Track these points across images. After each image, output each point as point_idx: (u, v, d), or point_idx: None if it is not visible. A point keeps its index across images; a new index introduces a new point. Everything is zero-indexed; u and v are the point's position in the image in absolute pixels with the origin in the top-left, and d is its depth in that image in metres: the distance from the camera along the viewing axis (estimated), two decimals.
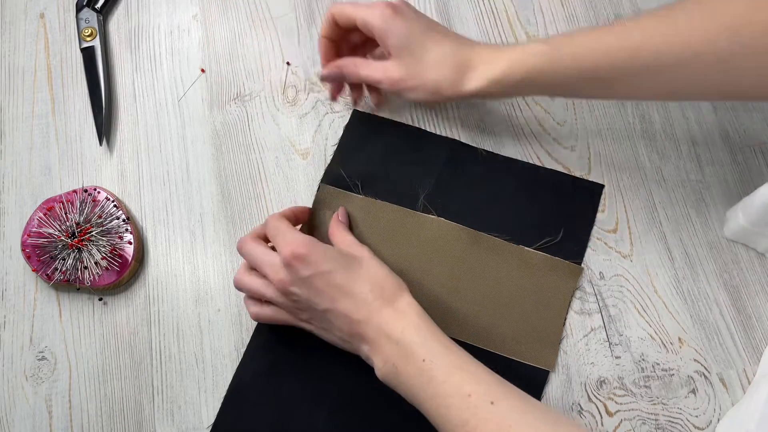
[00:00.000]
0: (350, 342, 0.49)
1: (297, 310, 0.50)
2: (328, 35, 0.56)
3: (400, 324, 0.46)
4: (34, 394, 0.56)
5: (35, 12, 0.69)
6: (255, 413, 0.53)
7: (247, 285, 0.51)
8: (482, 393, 0.42)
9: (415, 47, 0.52)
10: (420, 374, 0.44)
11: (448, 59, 0.52)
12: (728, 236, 0.56)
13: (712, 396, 0.52)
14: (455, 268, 0.56)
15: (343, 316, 0.47)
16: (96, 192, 0.59)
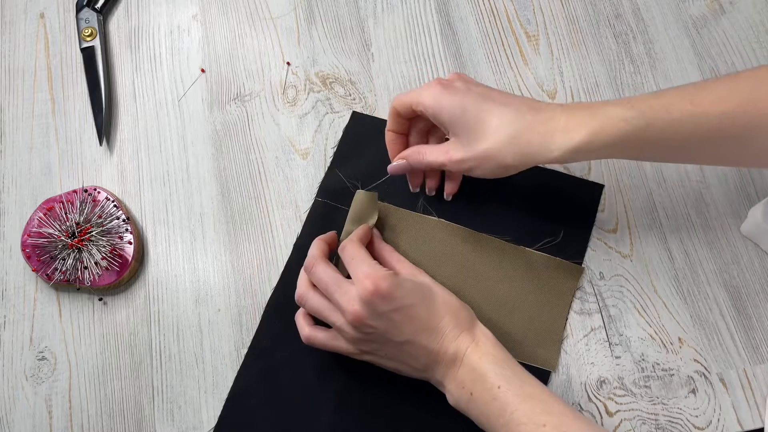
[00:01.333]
0: (424, 371, 0.48)
1: (363, 341, 0.48)
2: (393, 128, 0.54)
3: (477, 352, 0.46)
4: (34, 394, 0.56)
5: (35, 12, 0.69)
6: (256, 415, 0.53)
7: (312, 304, 0.50)
8: (556, 423, 0.43)
9: (470, 122, 0.48)
10: (494, 401, 0.44)
11: (509, 130, 0.47)
12: (744, 232, 0.56)
13: (712, 396, 0.52)
14: (456, 269, 0.56)
15: (422, 347, 0.47)
16: (96, 192, 0.59)
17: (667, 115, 0.45)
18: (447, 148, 0.51)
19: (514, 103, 0.49)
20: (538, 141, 0.47)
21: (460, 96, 0.49)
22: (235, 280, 0.58)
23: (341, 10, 0.67)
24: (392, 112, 0.53)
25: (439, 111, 0.49)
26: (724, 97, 0.44)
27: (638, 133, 0.45)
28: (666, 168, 0.59)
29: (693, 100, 0.44)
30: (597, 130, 0.46)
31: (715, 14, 0.64)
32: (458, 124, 0.49)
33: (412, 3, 0.67)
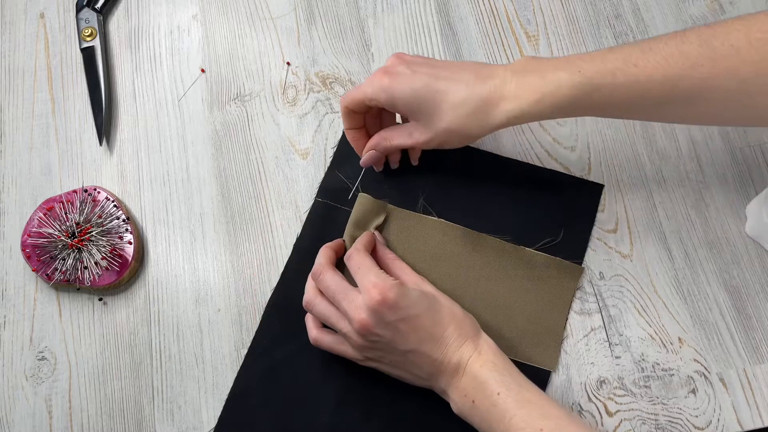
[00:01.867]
0: (428, 380, 0.49)
1: (369, 349, 0.49)
2: (350, 126, 0.55)
3: (479, 360, 0.47)
4: (34, 394, 0.56)
5: (35, 12, 0.69)
6: (257, 416, 0.53)
7: (319, 311, 0.50)
8: (553, 427, 0.43)
9: (424, 104, 0.50)
10: (494, 407, 0.45)
11: (466, 105, 0.49)
12: (749, 233, 0.56)
13: (712, 396, 0.52)
14: (456, 269, 0.56)
15: (427, 356, 0.47)
16: (96, 192, 0.59)
17: (612, 80, 0.46)
18: (410, 130, 0.53)
19: (463, 75, 0.50)
20: (492, 109, 0.49)
21: (407, 81, 0.50)
22: (235, 280, 0.58)
23: (341, 10, 0.67)
24: (345, 112, 0.54)
25: (392, 102, 0.51)
26: (668, 61, 0.45)
27: (585, 97, 0.47)
28: (666, 168, 0.59)
29: (638, 63, 0.46)
30: (546, 96, 0.47)
31: (715, 14, 0.64)
32: (414, 110, 0.51)
33: (412, 3, 0.67)
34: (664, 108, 0.48)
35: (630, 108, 0.49)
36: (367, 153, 0.56)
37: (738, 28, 0.44)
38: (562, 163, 0.60)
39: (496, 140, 0.61)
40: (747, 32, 0.43)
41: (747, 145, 0.60)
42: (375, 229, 0.56)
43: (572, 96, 0.47)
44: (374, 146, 0.55)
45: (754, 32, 0.43)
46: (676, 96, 0.46)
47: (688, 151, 0.60)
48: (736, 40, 0.43)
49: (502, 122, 0.49)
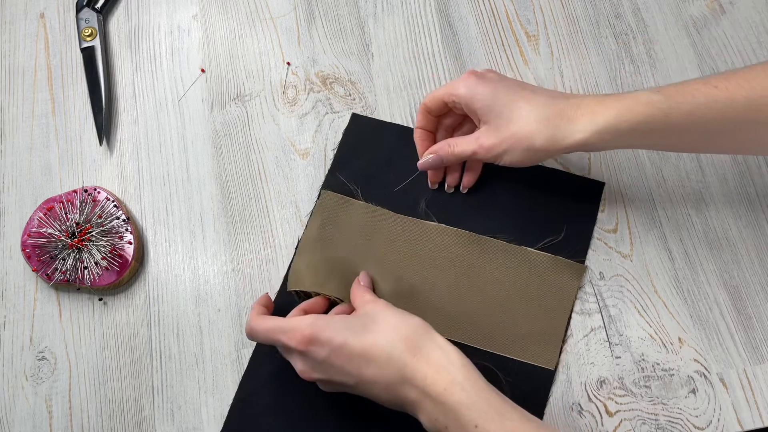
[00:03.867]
0: (396, 404, 0.45)
1: (330, 387, 0.48)
2: (422, 126, 0.56)
3: (442, 380, 0.42)
4: (34, 394, 0.56)
5: (35, 12, 0.69)
6: (261, 421, 0.53)
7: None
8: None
9: (502, 108, 0.50)
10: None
11: (540, 113, 0.49)
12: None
13: (712, 396, 0.52)
14: (458, 273, 0.56)
15: (374, 383, 0.44)
16: (96, 192, 0.59)
17: (692, 99, 0.45)
18: (477, 135, 0.52)
19: (545, 92, 0.51)
20: (566, 124, 0.48)
21: (492, 85, 0.51)
22: (235, 280, 0.58)
23: (341, 10, 0.67)
24: (422, 109, 0.55)
25: (472, 99, 0.51)
26: (750, 83, 0.44)
27: (664, 116, 0.45)
28: (666, 168, 0.59)
29: (718, 85, 0.45)
30: (623, 112, 0.46)
31: (715, 14, 0.64)
32: (490, 110, 0.50)
33: (412, 3, 0.67)
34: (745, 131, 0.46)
35: (709, 129, 0.47)
36: (428, 156, 0.55)
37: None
38: (562, 163, 0.60)
39: None
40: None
41: None
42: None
43: (649, 114, 0.46)
44: (437, 149, 0.54)
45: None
46: (759, 119, 0.45)
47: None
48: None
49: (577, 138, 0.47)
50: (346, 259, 0.57)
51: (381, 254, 0.57)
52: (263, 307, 0.52)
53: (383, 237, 0.57)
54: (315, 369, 0.46)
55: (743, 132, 0.47)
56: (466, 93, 0.51)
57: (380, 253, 0.57)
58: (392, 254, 0.57)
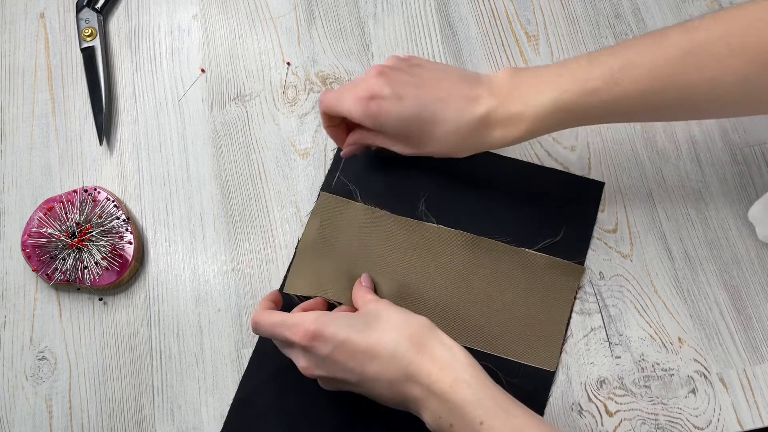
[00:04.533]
0: (402, 405, 0.45)
1: (332, 385, 0.48)
2: (330, 125, 0.55)
3: (447, 378, 0.41)
4: (34, 394, 0.56)
5: (35, 12, 0.69)
6: (261, 421, 0.53)
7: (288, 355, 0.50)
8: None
9: (414, 134, 0.50)
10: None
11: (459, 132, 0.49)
12: (763, 238, 0.55)
13: (712, 396, 0.52)
14: (458, 274, 0.56)
15: (377, 380, 0.43)
16: (96, 192, 0.59)
17: (597, 98, 0.46)
18: (394, 142, 0.53)
19: (451, 100, 0.49)
20: (482, 138, 0.50)
21: (396, 111, 0.49)
22: (235, 280, 0.58)
23: (341, 10, 0.67)
24: (324, 114, 0.54)
25: (380, 128, 0.51)
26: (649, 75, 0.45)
27: (570, 118, 0.48)
28: (666, 168, 0.59)
29: (620, 82, 0.46)
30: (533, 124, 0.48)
31: None
32: (402, 136, 0.51)
33: (412, 3, 0.67)
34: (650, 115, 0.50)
35: (615, 118, 0.50)
36: (348, 147, 0.56)
37: (718, 33, 0.43)
38: (562, 163, 0.60)
39: None
40: (727, 38, 0.43)
41: (747, 145, 0.60)
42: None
43: (558, 119, 0.48)
44: (356, 141, 0.55)
45: (735, 36, 0.43)
46: (661, 105, 0.47)
47: (688, 151, 0.60)
48: (716, 48, 0.43)
49: (494, 146, 0.50)
50: (345, 262, 0.57)
51: (380, 255, 0.57)
52: (271, 302, 0.52)
53: (382, 238, 0.57)
54: (318, 365, 0.46)
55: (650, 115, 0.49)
56: (370, 123, 0.51)
57: (379, 254, 0.57)
58: (391, 256, 0.57)
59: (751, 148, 0.60)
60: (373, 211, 0.58)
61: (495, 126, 0.49)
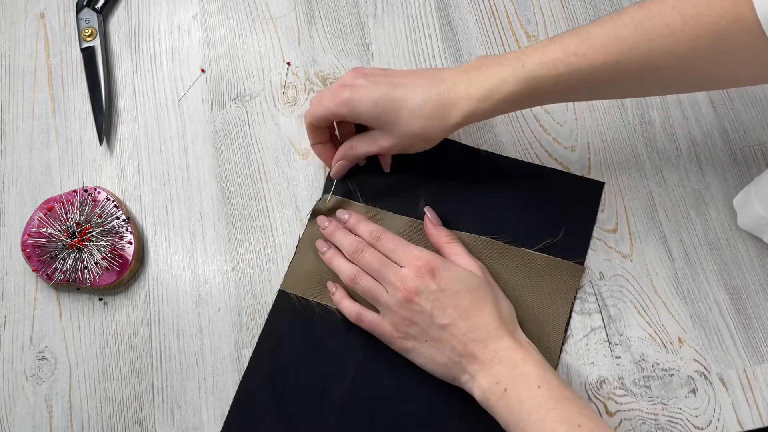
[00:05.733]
0: (457, 362, 0.49)
1: (408, 322, 0.50)
2: (316, 141, 0.57)
3: (520, 353, 0.47)
4: (34, 394, 0.56)
5: (35, 12, 0.69)
6: (262, 420, 0.53)
7: (364, 285, 0.52)
8: (592, 427, 0.43)
9: (386, 113, 0.52)
10: (531, 398, 0.45)
11: (424, 108, 0.51)
12: (742, 226, 0.56)
13: (712, 396, 0.52)
14: None
15: (461, 335, 0.48)
16: (96, 192, 0.59)
17: (555, 71, 0.47)
18: (374, 137, 0.55)
19: (418, 81, 0.52)
20: (447, 113, 0.51)
21: (367, 92, 0.52)
22: (235, 280, 0.58)
23: (341, 10, 0.67)
24: (310, 129, 0.56)
25: (355, 114, 0.53)
26: (606, 47, 0.46)
27: (530, 90, 0.49)
28: (666, 168, 0.59)
29: (576, 52, 0.47)
30: (492, 94, 0.49)
31: None
32: (376, 119, 0.53)
33: (412, 3, 0.67)
34: (608, 89, 0.50)
35: (575, 93, 0.51)
36: (337, 164, 0.58)
37: (672, 5, 0.44)
38: (562, 163, 0.60)
39: (496, 140, 0.61)
40: (681, 9, 0.43)
41: (747, 145, 0.60)
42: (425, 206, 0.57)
43: (518, 90, 0.49)
44: (342, 157, 0.57)
45: (688, 8, 0.43)
46: (618, 78, 0.47)
47: (688, 151, 0.60)
48: (671, 19, 0.44)
49: (459, 122, 0.51)
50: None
51: None
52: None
53: None
54: (422, 293, 0.49)
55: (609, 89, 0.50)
56: (346, 110, 0.53)
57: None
58: None
59: (751, 148, 0.60)
60: (374, 211, 0.58)
61: (458, 100, 0.50)
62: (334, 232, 0.56)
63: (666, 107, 0.61)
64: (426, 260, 0.50)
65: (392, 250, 0.52)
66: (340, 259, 0.54)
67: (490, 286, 0.51)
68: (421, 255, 0.51)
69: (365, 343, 0.54)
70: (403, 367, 0.52)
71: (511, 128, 0.61)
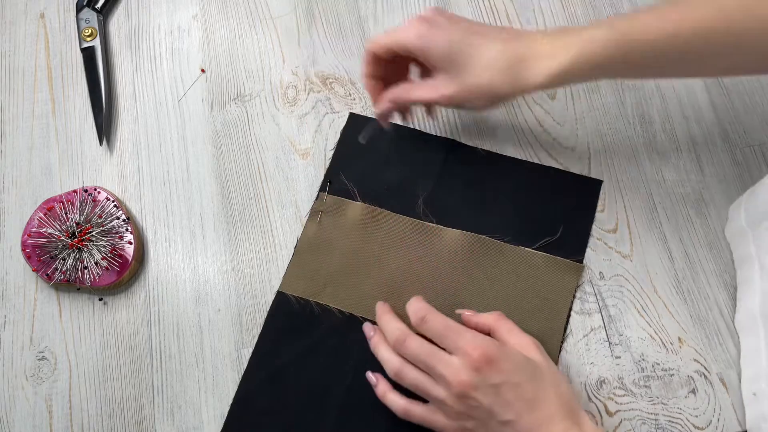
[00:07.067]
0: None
1: (465, 416, 0.46)
2: (370, 73, 0.53)
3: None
4: (34, 394, 0.56)
5: (35, 12, 0.69)
6: (262, 421, 0.53)
7: (411, 379, 0.47)
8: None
9: (459, 56, 0.49)
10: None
11: (499, 60, 0.48)
12: (727, 235, 0.56)
13: (712, 396, 0.52)
14: (457, 273, 0.56)
15: (526, 430, 0.44)
16: (96, 192, 0.59)
17: (646, 35, 0.45)
18: (436, 83, 0.51)
19: (499, 34, 0.49)
20: (525, 70, 0.48)
21: (445, 31, 0.49)
22: (235, 280, 0.58)
23: (341, 10, 0.67)
24: (370, 57, 0.53)
25: (426, 49, 0.49)
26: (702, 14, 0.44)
27: (620, 54, 0.46)
28: (666, 168, 0.59)
29: (671, 18, 0.44)
30: (580, 53, 0.46)
31: None
32: (446, 59, 0.49)
33: (412, 3, 0.67)
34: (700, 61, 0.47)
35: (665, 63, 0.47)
36: (385, 104, 0.54)
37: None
38: (562, 163, 0.60)
39: (496, 139, 0.61)
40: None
41: (747, 145, 0.60)
42: None
43: (607, 53, 0.46)
44: (395, 98, 0.53)
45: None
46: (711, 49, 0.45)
47: (688, 151, 0.60)
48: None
49: (539, 82, 0.47)
50: (344, 262, 0.57)
51: (378, 255, 0.57)
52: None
53: (381, 237, 0.57)
54: (479, 388, 0.44)
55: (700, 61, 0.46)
56: (418, 43, 0.49)
57: (377, 254, 0.57)
58: (389, 255, 0.57)
59: (751, 148, 0.60)
60: (372, 210, 0.58)
61: (541, 57, 0.47)
62: (381, 316, 0.51)
63: (666, 107, 0.61)
64: (482, 350, 0.44)
65: (441, 334, 0.47)
66: (384, 349, 0.50)
67: (548, 368, 0.47)
68: (476, 342, 0.45)
69: (365, 342, 0.54)
70: None
71: (511, 128, 0.61)
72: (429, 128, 0.62)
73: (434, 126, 0.62)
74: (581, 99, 0.62)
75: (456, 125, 0.62)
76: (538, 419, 0.44)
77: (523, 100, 0.62)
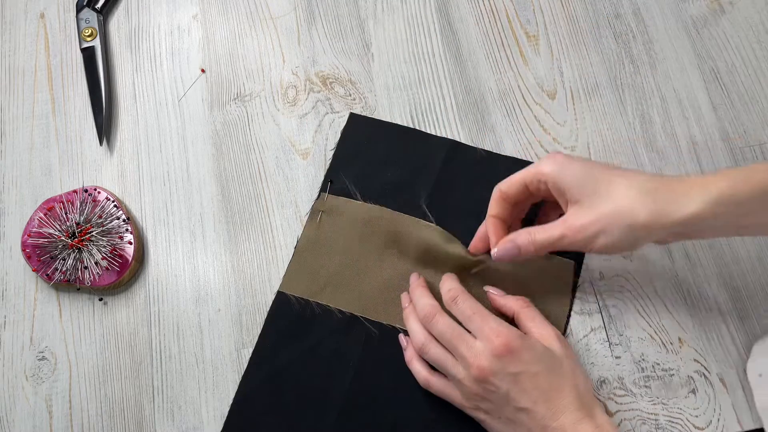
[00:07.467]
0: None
1: (482, 399, 0.47)
2: (497, 214, 0.51)
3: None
4: (34, 394, 0.56)
5: (35, 12, 0.69)
6: (262, 421, 0.53)
7: (433, 355, 0.49)
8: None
9: (597, 183, 0.46)
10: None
11: (643, 187, 0.45)
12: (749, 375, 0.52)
13: (712, 396, 0.52)
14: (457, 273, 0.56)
15: (539, 420, 0.45)
16: (96, 192, 0.59)
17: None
18: (564, 217, 0.48)
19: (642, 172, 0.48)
20: (675, 196, 0.44)
21: (582, 162, 0.48)
22: (235, 280, 0.58)
23: (341, 10, 0.67)
24: (498, 196, 0.51)
25: (560, 176, 0.47)
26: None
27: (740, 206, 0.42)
28: (666, 168, 0.59)
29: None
30: (741, 180, 0.42)
31: (714, 14, 0.64)
32: (583, 186, 0.46)
33: (412, 3, 0.67)
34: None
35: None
36: (505, 243, 0.50)
37: None
38: None
39: (496, 139, 0.61)
40: None
41: (747, 145, 0.60)
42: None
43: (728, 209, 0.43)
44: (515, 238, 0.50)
45: None
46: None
47: (688, 151, 0.60)
48: None
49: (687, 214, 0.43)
50: (343, 262, 0.57)
51: (378, 255, 0.57)
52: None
53: (381, 238, 0.57)
54: (497, 374, 0.45)
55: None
56: (555, 170, 0.47)
57: (377, 254, 0.57)
58: (389, 255, 0.57)
59: (751, 148, 0.60)
60: (372, 208, 0.58)
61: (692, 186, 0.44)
62: (414, 289, 0.53)
63: (666, 107, 0.61)
64: (504, 338, 0.46)
65: (468, 317, 0.48)
66: (413, 321, 0.51)
67: (567, 359, 0.47)
68: (500, 330, 0.46)
69: (365, 343, 0.54)
70: (402, 368, 0.52)
71: (512, 128, 0.61)
72: (428, 128, 0.62)
73: (433, 126, 0.62)
74: (581, 99, 0.62)
75: (455, 124, 0.62)
76: (551, 408, 0.45)
77: (523, 100, 0.62)
